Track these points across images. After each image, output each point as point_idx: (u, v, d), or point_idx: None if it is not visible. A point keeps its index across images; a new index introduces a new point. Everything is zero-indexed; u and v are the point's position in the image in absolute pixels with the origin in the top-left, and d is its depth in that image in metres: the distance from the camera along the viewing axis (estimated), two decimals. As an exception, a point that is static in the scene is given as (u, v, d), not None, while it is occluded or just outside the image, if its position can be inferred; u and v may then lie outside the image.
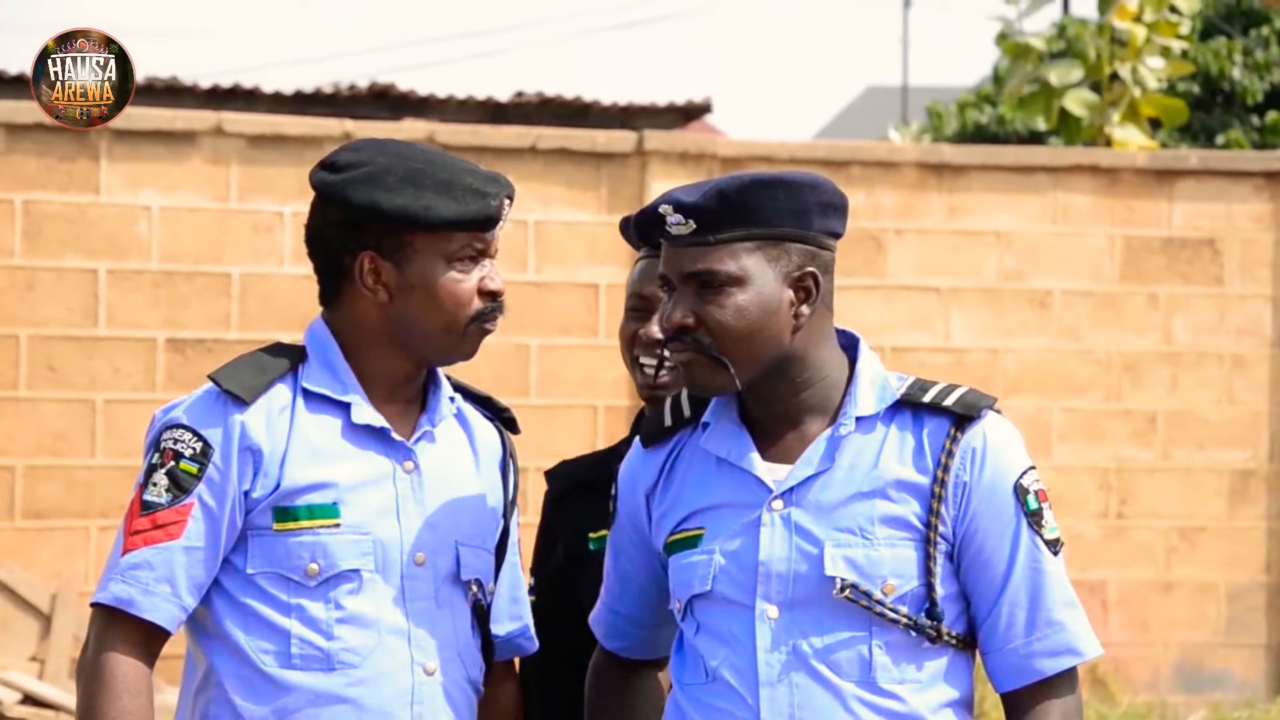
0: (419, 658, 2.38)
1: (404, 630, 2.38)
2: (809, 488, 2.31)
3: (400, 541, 2.40)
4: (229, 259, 8.53)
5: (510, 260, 8.90)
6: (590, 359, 8.97)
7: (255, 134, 8.58)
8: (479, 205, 2.42)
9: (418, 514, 2.42)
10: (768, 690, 2.27)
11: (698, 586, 2.31)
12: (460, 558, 2.43)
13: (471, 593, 2.44)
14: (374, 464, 2.41)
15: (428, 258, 2.41)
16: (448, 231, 2.41)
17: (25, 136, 8.31)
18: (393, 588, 2.38)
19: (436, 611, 2.41)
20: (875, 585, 2.28)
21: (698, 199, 2.28)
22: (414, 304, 2.42)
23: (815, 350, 2.32)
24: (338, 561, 2.37)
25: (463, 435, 2.51)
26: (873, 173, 9.02)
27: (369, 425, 2.41)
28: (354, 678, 2.36)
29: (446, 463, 2.46)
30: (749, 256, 2.28)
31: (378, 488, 2.40)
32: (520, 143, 8.91)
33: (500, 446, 2.54)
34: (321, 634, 2.36)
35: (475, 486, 2.48)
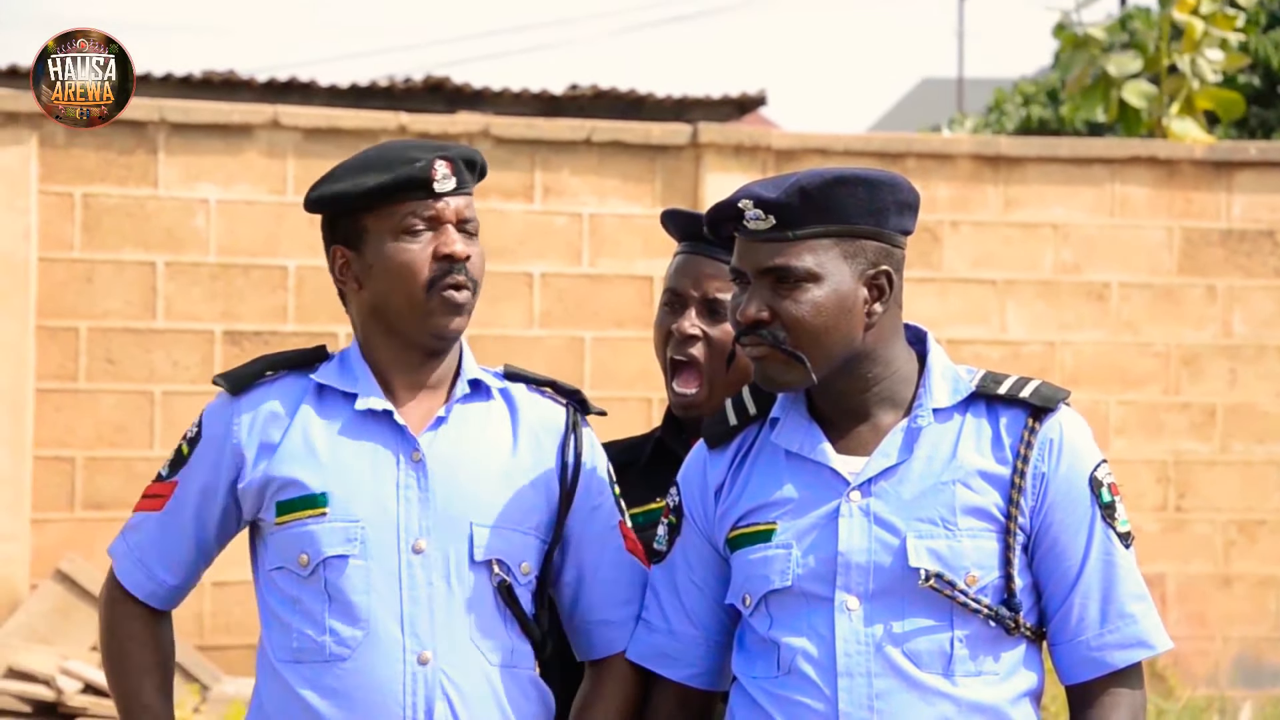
0: (413, 646, 2.36)
1: (398, 619, 2.36)
2: (887, 479, 2.31)
3: (397, 529, 2.38)
4: (285, 252, 8.57)
5: (565, 253, 8.91)
6: (645, 352, 8.97)
7: (311, 127, 8.61)
8: (405, 169, 2.41)
9: (421, 502, 2.40)
10: (846, 681, 2.27)
11: (776, 581, 2.31)
12: (475, 538, 2.40)
13: (495, 573, 2.41)
14: (375, 453, 2.41)
15: (378, 236, 2.42)
16: (389, 205, 2.41)
17: (83, 131, 8.37)
18: (388, 576, 2.37)
19: (442, 598, 2.38)
20: (959, 576, 2.28)
21: (778, 195, 2.28)
22: (378, 285, 2.43)
23: (885, 346, 2.33)
24: (323, 549, 2.38)
25: (505, 417, 2.49)
26: (928, 165, 8.99)
27: (372, 411, 2.41)
28: (345, 669, 2.36)
29: (470, 447, 2.44)
30: (826, 253, 2.28)
31: (376, 476, 2.40)
32: (575, 136, 8.92)
33: (564, 425, 2.51)
34: (315, 627, 2.38)
35: (509, 467, 2.45)
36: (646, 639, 2.44)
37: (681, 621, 2.40)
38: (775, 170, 8.87)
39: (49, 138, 8.32)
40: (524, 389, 2.54)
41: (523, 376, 2.56)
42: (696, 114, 9.70)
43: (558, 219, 8.91)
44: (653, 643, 2.43)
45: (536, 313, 8.88)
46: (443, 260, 2.42)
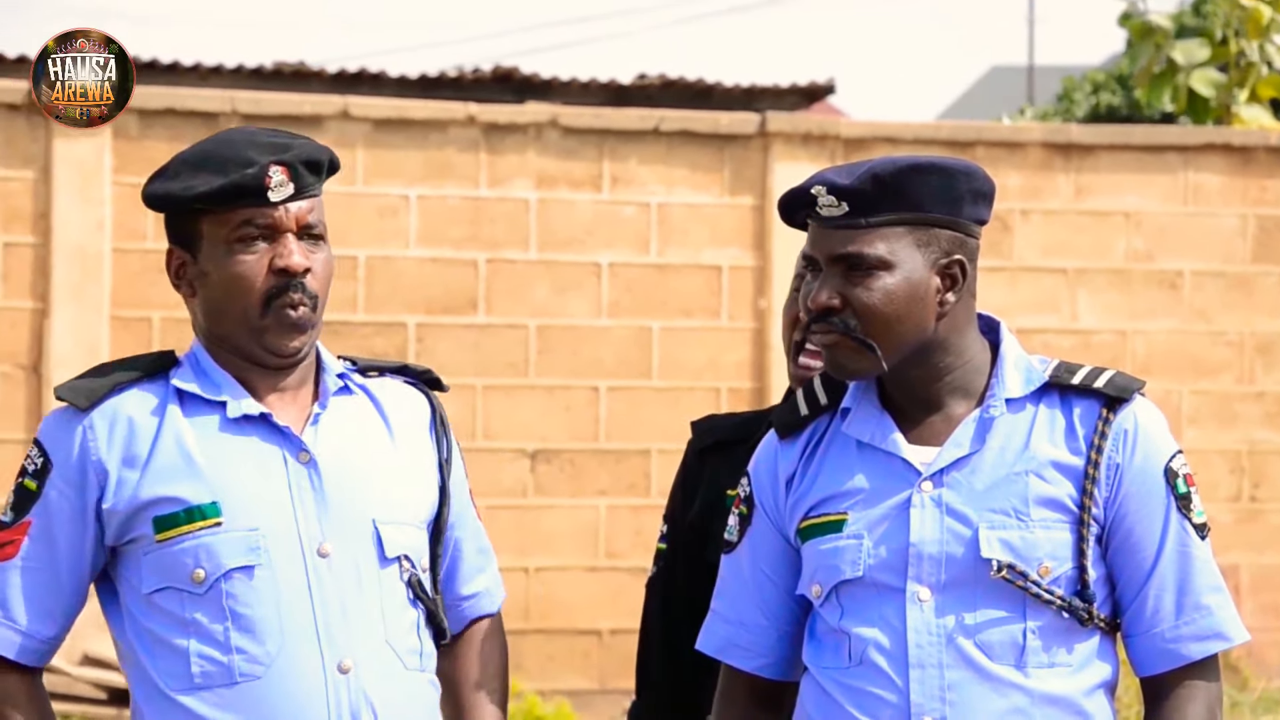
0: (331, 656, 2.24)
1: (311, 629, 2.24)
2: (959, 469, 2.30)
3: (298, 535, 2.26)
4: (355, 241, 8.62)
5: (632, 243, 8.91)
6: (713, 341, 8.97)
7: (381, 118, 8.65)
8: (238, 175, 2.24)
9: (318, 503, 2.28)
10: (918, 673, 2.26)
11: (848, 571, 2.30)
12: (382, 536, 2.31)
13: (405, 569, 2.33)
14: (261, 457, 2.28)
15: (213, 243, 2.28)
16: (224, 212, 2.26)
17: (157, 122, 8.44)
18: (296, 585, 2.24)
19: (354, 602, 2.27)
20: (1032, 567, 2.26)
21: (852, 181, 2.27)
22: (211, 294, 2.30)
23: (958, 336, 2.32)
24: (223, 561, 2.23)
25: (371, 410, 2.39)
26: (998, 153, 8.93)
27: (248, 416, 2.29)
28: (259, 691, 2.22)
29: (352, 444, 2.34)
30: (899, 241, 2.27)
31: (267, 482, 2.27)
32: (643, 125, 8.92)
33: (429, 409, 2.45)
34: (219, 648, 2.23)
35: (392, 460, 2.37)
36: (717, 629, 2.43)
37: (752, 612, 2.40)
38: (844, 159, 8.84)
39: (122, 129, 8.39)
40: (380, 379, 2.44)
41: (372, 366, 2.46)
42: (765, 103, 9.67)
43: (626, 209, 8.91)
44: (723, 634, 2.42)
45: (604, 303, 8.89)
46: (279, 274, 2.27)
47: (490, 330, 8.78)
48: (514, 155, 8.82)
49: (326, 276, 2.33)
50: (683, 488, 2.82)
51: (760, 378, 8.93)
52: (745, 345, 8.98)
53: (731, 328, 9.01)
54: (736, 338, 8.97)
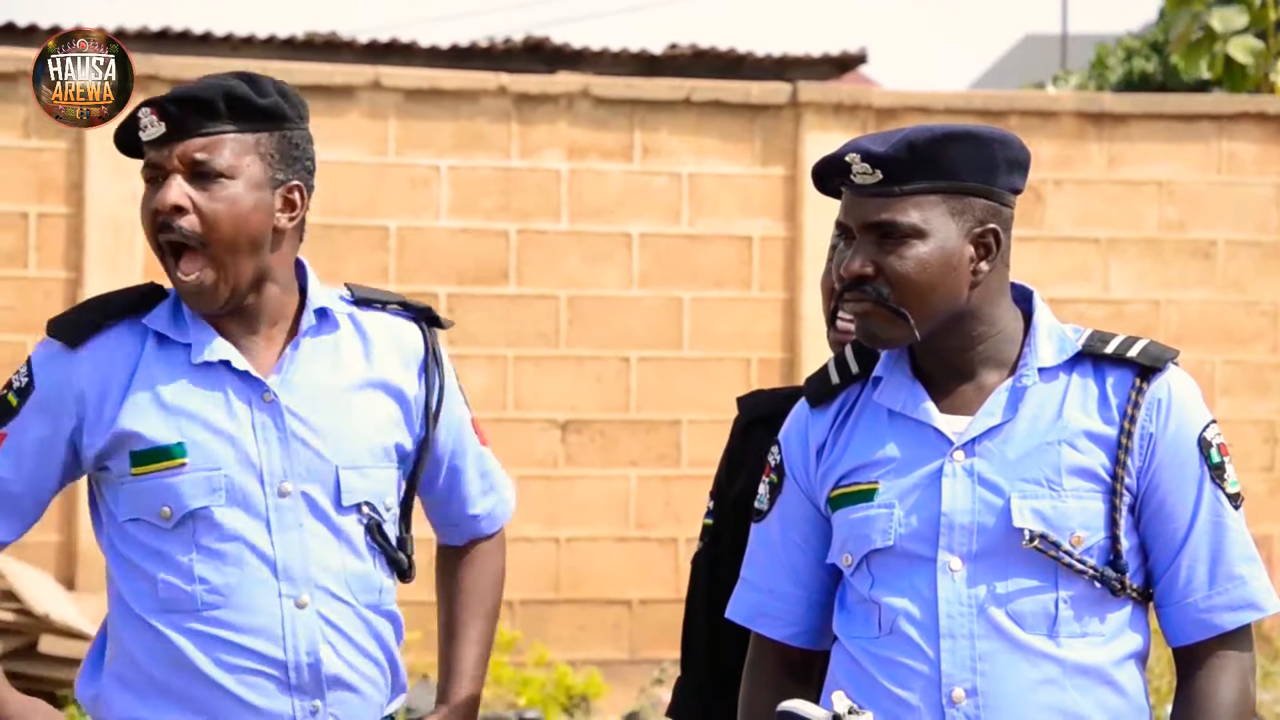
0: (288, 590, 2.33)
1: (271, 563, 2.33)
2: (991, 439, 2.29)
3: (260, 474, 2.34)
4: (386, 212, 8.63)
5: (663, 213, 8.90)
6: (743, 312, 8.96)
7: (412, 88, 8.65)
8: (127, 122, 2.37)
9: (281, 443, 2.35)
10: (949, 642, 2.25)
11: (878, 541, 2.29)
12: (341, 483, 2.37)
13: (364, 514, 2.39)
14: (226, 399, 2.35)
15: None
16: (140, 155, 2.37)
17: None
18: (257, 521, 2.33)
19: (313, 541, 2.35)
20: (1064, 537, 2.26)
21: (887, 149, 2.27)
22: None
23: (990, 305, 2.31)
24: (186, 503, 2.33)
25: (356, 345, 2.43)
26: (1031, 122, 8.89)
27: (209, 362, 2.36)
28: (220, 618, 2.32)
29: (324, 382, 2.39)
30: (933, 209, 2.26)
31: (232, 422, 2.35)
32: (674, 95, 8.90)
33: (423, 343, 2.46)
34: (184, 577, 2.33)
35: (366, 399, 2.40)
36: (747, 597, 2.43)
37: (782, 580, 2.40)
38: (875, 129, 8.81)
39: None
40: (373, 312, 2.47)
41: (370, 298, 2.50)
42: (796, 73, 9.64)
43: (657, 179, 8.90)
44: (753, 601, 2.43)
45: (635, 273, 8.89)
46: (154, 214, 2.34)
47: (521, 301, 8.78)
48: (545, 125, 8.81)
49: (223, 214, 2.33)
50: (728, 463, 2.82)
51: (791, 348, 8.92)
52: (776, 316, 8.97)
53: (762, 298, 9.00)
54: (767, 308, 8.96)
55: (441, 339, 2.49)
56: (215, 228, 2.32)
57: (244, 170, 2.34)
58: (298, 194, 2.41)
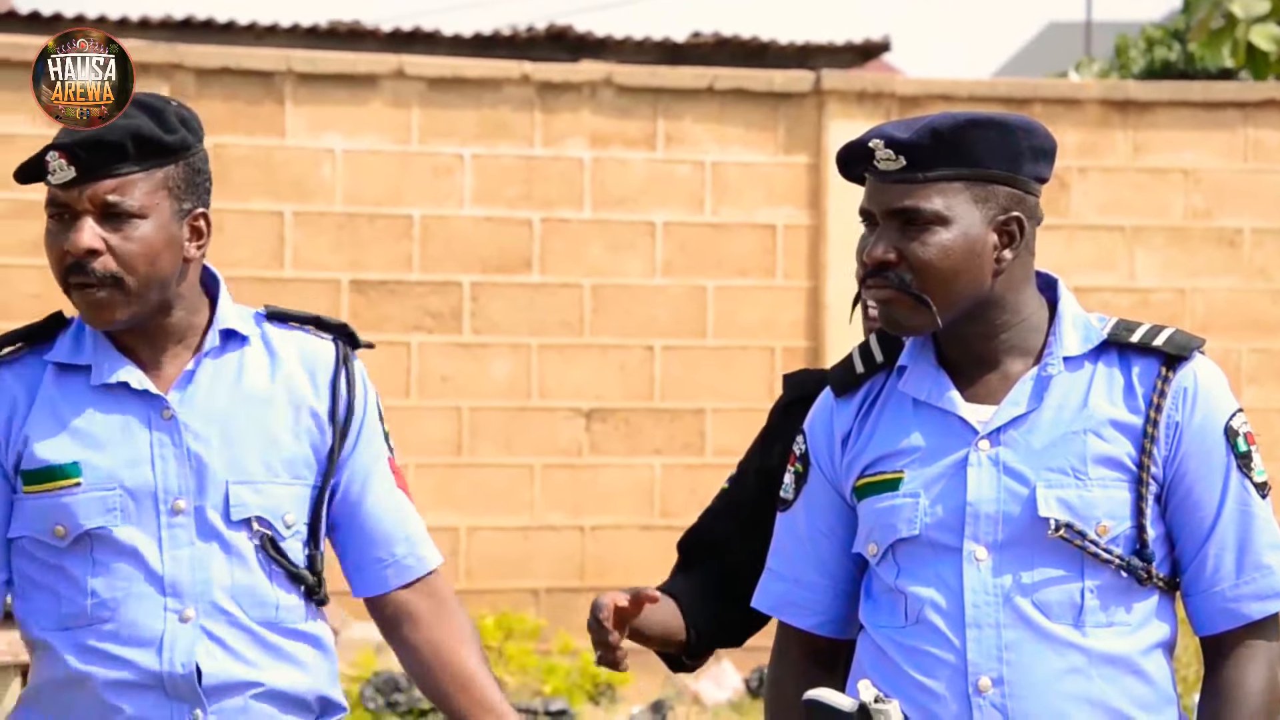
0: (173, 605, 2.37)
1: (159, 579, 2.37)
2: (1016, 428, 2.29)
3: (155, 491, 2.38)
4: (410, 201, 8.64)
5: (687, 202, 8.90)
6: (767, 300, 8.95)
7: (436, 77, 8.65)
8: (30, 160, 2.38)
9: (178, 460, 2.38)
10: (974, 632, 2.25)
11: (904, 530, 2.29)
12: (231, 498, 2.39)
13: (256, 530, 2.39)
14: (125, 419, 2.39)
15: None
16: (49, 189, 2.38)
17: (214, 81, 8.47)
18: (149, 538, 2.37)
19: (202, 557, 2.38)
20: (1090, 526, 2.26)
21: (910, 135, 2.27)
22: None
23: (1014, 293, 2.31)
24: (81, 522, 2.37)
25: (264, 363, 2.44)
26: (1055, 110, 8.86)
27: (108, 384, 2.39)
28: (106, 632, 2.36)
29: (225, 400, 2.41)
30: (956, 196, 2.26)
31: (129, 440, 2.38)
32: (697, 83, 8.89)
33: (334, 361, 2.46)
34: (79, 592, 2.37)
35: (270, 416, 2.42)
36: (773, 587, 2.43)
37: (807, 570, 2.40)
38: (899, 117, 8.78)
39: (180, 88, 8.43)
40: (284, 330, 2.48)
41: (284, 316, 2.50)
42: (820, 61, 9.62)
43: (680, 167, 8.89)
44: (779, 591, 2.42)
45: (658, 262, 8.89)
46: (64, 255, 2.36)
47: (545, 289, 8.79)
48: (568, 114, 8.81)
49: (138, 253, 2.36)
50: (763, 440, 2.81)
51: (815, 337, 8.91)
52: (800, 304, 8.96)
53: (786, 287, 8.99)
54: (791, 297, 8.96)
55: (360, 362, 2.49)
56: (131, 269, 2.36)
57: (154, 209, 2.37)
58: (203, 221, 2.44)
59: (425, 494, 8.64)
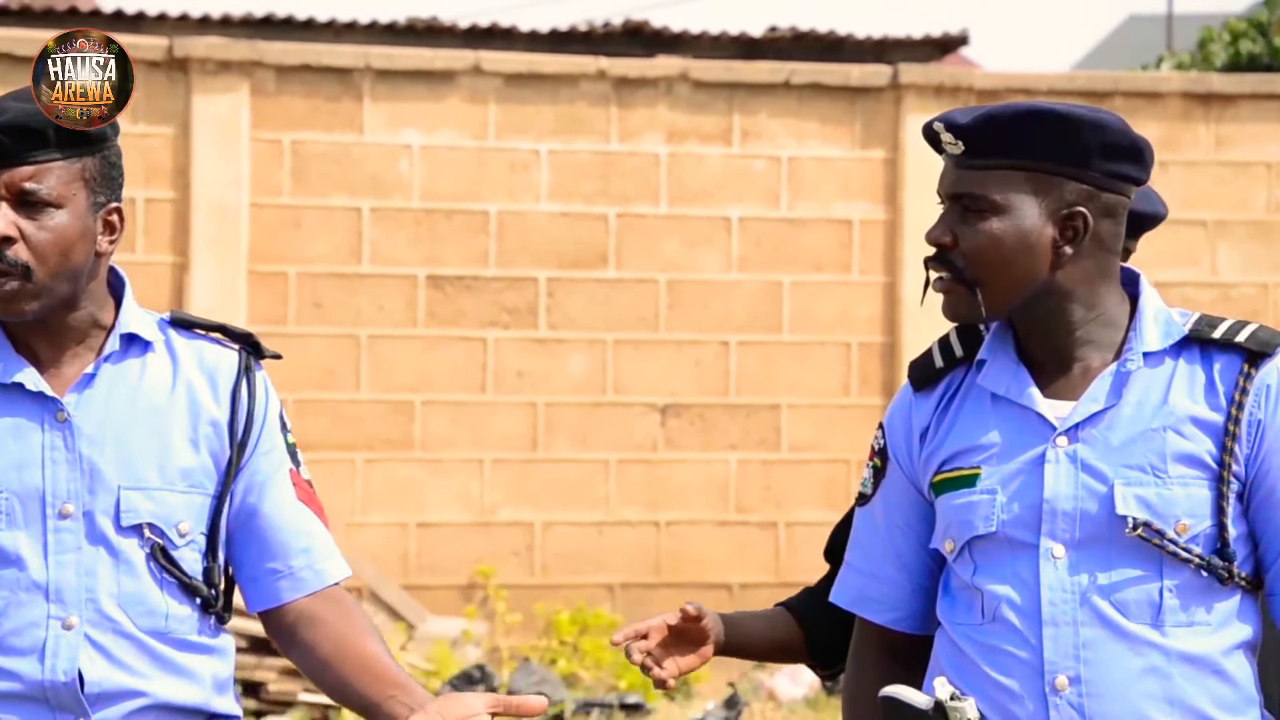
0: (56, 612, 2.32)
1: (43, 585, 2.32)
2: (1095, 424, 2.27)
3: (43, 494, 2.33)
4: (486, 196, 8.67)
5: (763, 197, 8.88)
6: (844, 296, 8.92)
7: (512, 72, 8.68)
8: None
9: (69, 463, 2.34)
10: (1051, 630, 2.24)
11: (980, 527, 2.28)
12: (121, 503, 2.34)
13: (146, 538, 2.35)
14: (16, 420, 2.34)
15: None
16: None
17: (293, 78, 8.53)
18: (35, 542, 2.33)
19: (89, 563, 2.34)
20: (1169, 525, 2.24)
21: (968, 121, 2.27)
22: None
23: (1088, 288, 2.28)
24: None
25: (165, 369, 2.40)
26: (1136, 104, 8.78)
27: (2, 384, 2.34)
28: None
29: (123, 404, 2.37)
30: (1014, 186, 2.25)
31: (20, 442, 2.34)
32: (773, 78, 8.87)
33: (235, 370, 2.42)
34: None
35: (167, 423, 2.38)
36: (851, 582, 2.43)
37: (885, 565, 2.39)
38: (978, 111, 8.73)
39: (259, 85, 8.49)
40: (188, 338, 2.44)
41: (188, 323, 2.46)
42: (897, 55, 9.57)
43: (756, 162, 8.88)
44: (857, 586, 2.42)
45: (734, 256, 8.87)
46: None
47: (620, 285, 8.79)
48: (644, 109, 8.81)
49: (52, 242, 2.33)
50: None
51: (891, 332, 8.87)
52: (876, 299, 8.92)
53: (862, 282, 8.95)
54: (867, 292, 8.92)
55: (263, 372, 2.45)
56: (44, 259, 2.33)
57: (71, 199, 2.34)
58: (117, 216, 2.41)
59: (500, 489, 8.67)
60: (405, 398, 8.60)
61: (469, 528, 8.62)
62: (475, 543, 8.63)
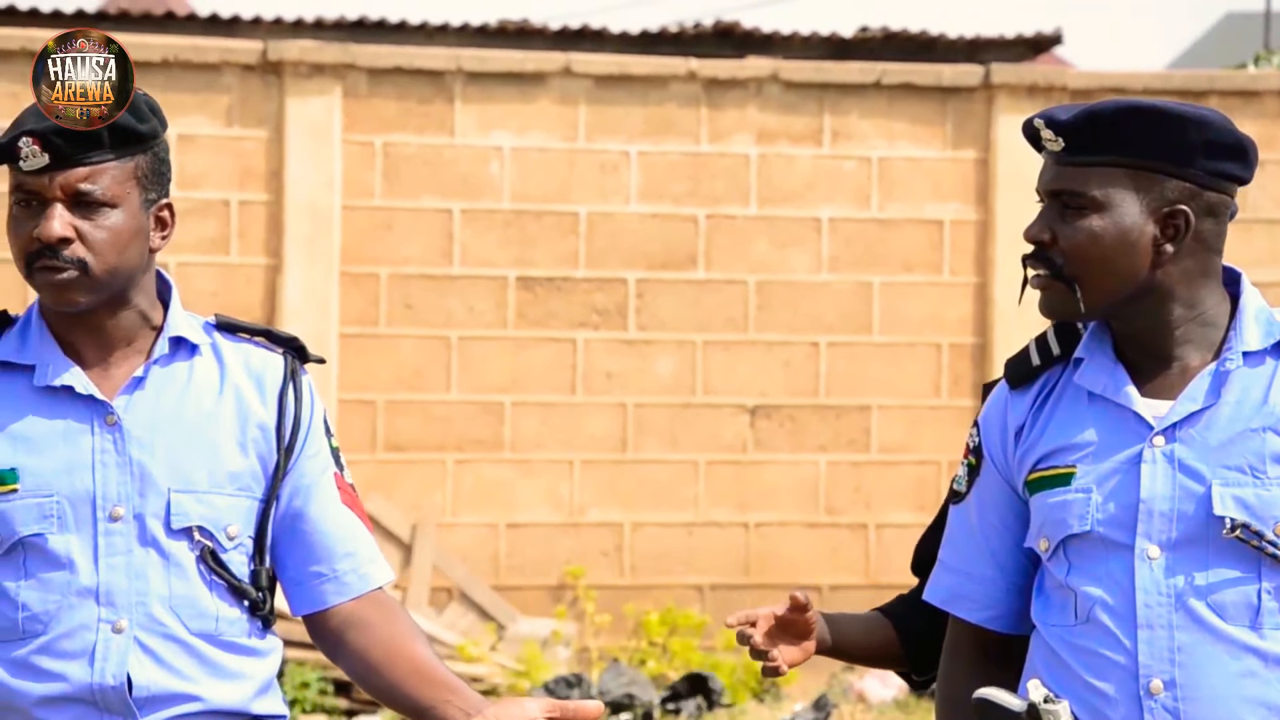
0: (107, 615, 2.32)
1: (93, 589, 2.32)
2: (1193, 424, 2.25)
3: (94, 498, 2.33)
4: (577, 198, 8.69)
5: (853, 197, 8.85)
6: (934, 296, 8.87)
7: (602, 74, 8.69)
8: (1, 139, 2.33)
9: (120, 467, 2.34)
10: (1146, 633, 2.22)
11: (1075, 526, 2.26)
12: (172, 506, 2.35)
13: (196, 540, 2.35)
14: (66, 423, 2.35)
15: (6, 196, 2.36)
16: (13, 174, 2.33)
17: (385, 80, 8.59)
18: (85, 546, 2.33)
19: (139, 566, 2.34)
20: (1268, 526, 2.21)
21: (1068, 118, 2.26)
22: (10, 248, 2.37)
23: (1188, 287, 2.26)
24: (16, 529, 2.32)
25: (213, 373, 2.41)
26: (1232, 103, 8.68)
27: (51, 386, 2.35)
28: (37, 645, 2.31)
29: (172, 408, 2.38)
30: (1114, 183, 2.24)
31: (70, 445, 2.35)
32: (864, 79, 8.83)
33: (282, 374, 2.42)
34: (9, 605, 2.33)
35: (216, 427, 2.38)
36: (945, 580, 2.41)
37: (979, 563, 2.37)
38: (1071, 110, 8.66)
39: (352, 88, 8.56)
40: (234, 341, 2.44)
41: (234, 326, 2.46)
42: (989, 54, 9.51)
43: (846, 163, 8.85)
44: (951, 584, 2.40)
45: (825, 257, 8.85)
46: (32, 241, 2.32)
47: (710, 286, 8.79)
48: (734, 110, 8.81)
49: (109, 241, 2.35)
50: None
51: (983, 333, 8.81)
52: (967, 300, 8.87)
53: (953, 282, 8.90)
54: (958, 293, 8.87)
55: (308, 376, 2.45)
56: (101, 257, 2.35)
57: (124, 198, 2.36)
58: (167, 211, 2.42)
59: (589, 490, 8.69)
60: (495, 399, 8.64)
61: (559, 528, 8.64)
62: (565, 543, 8.66)
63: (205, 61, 8.43)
